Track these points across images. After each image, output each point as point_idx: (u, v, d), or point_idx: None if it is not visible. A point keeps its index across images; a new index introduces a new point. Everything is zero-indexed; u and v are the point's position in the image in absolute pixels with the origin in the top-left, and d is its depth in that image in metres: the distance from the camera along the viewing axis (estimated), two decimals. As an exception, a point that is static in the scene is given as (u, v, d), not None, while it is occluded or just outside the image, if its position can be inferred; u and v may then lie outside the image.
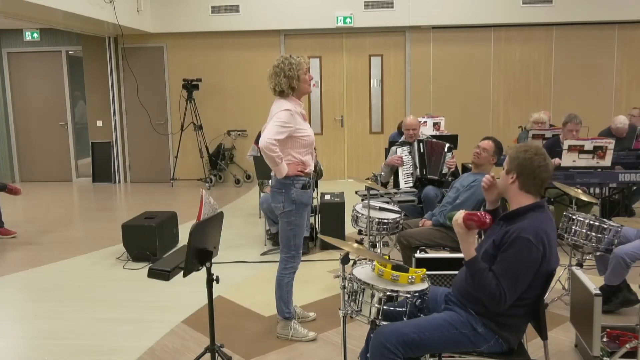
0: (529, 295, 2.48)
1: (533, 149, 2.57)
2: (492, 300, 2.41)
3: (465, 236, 2.48)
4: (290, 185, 3.60)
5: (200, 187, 9.66)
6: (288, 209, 3.63)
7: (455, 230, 2.51)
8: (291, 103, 3.58)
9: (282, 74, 3.54)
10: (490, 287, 2.40)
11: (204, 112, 10.01)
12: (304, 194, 3.64)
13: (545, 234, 2.42)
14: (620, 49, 9.63)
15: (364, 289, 2.58)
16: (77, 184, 10.54)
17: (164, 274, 3.04)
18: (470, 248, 2.48)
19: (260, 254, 5.79)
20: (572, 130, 5.79)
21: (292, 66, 3.55)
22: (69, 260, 5.80)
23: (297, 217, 3.65)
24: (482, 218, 2.44)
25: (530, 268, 2.39)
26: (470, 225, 2.45)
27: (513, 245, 2.41)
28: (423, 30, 9.77)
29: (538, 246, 2.38)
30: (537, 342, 3.33)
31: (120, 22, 8.44)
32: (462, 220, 2.46)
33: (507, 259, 2.41)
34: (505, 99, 9.89)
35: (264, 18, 9.70)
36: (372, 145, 10.15)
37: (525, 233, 2.40)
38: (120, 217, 7.39)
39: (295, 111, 3.55)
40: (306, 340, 3.76)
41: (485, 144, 4.26)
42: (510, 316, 2.50)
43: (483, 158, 4.26)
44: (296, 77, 3.56)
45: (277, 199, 3.65)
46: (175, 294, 4.69)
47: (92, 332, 4.03)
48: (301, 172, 3.61)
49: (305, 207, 3.69)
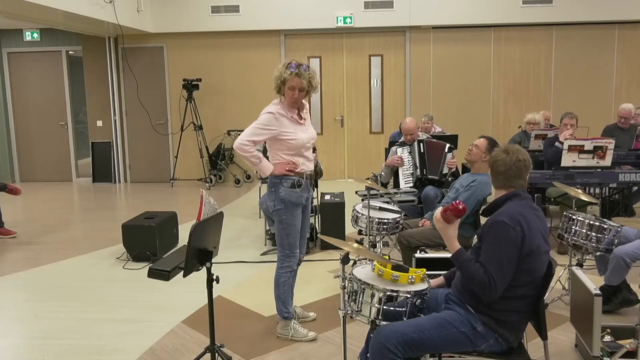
0: (526, 286, 2.49)
1: (497, 150, 2.71)
2: (483, 288, 2.44)
3: (446, 230, 2.58)
4: (279, 184, 3.63)
5: (200, 187, 9.66)
6: (277, 208, 3.66)
7: (437, 227, 2.62)
8: (278, 106, 3.61)
9: (277, 81, 3.60)
10: (479, 275, 2.44)
11: (204, 112, 10.01)
12: (293, 193, 3.64)
13: (521, 215, 2.48)
14: (620, 49, 9.63)
15: (364, 289, 2.58)
16: (77, 184, 10.54)
17: (164, 274, 3.04)
18: (453, 242, 2.57)
19: (260, 254, 5.79)
20: (567, 124, 5.82)
21: (280, 71, 3.59)
22: (69, 260, 5.80)
23: (288, 216, 3.66)
24: (455, 205, 2.54)
25: (510, 248, 2.43)
26: (448, 217, 2.55)
27: (490, 231, 2.49)
28: (423, 30, 9.77)
29: (515, 227, 2.44)
30: (537, 342, 3.33)
31: (120, 22, 8.45)
32: (440, 215, 2.57)
33: (487, 245, 2.48)
34: (505, 99, 9.89)
35: (264, 18, 9.70)
36: (372, 145, 10.15)
37: (499, 217, 2.49)
38: (120, 217, 7.39)
39: (279, 114, 3.58)
40: (306, 340, 3.76)
41: (479, 141, 4.29)
42: (509, 312, 2.50)
43: (474, 154, 4.27)
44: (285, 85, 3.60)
45: (270, 197, 3.72)
46: (175, 294, 4.69)
47: (92, 332, 4.03)
48: (290, 172, 3.62)
49: (296, 207, 3.68)
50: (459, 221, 2.60)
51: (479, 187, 4.22)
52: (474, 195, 4.21)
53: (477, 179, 4.25)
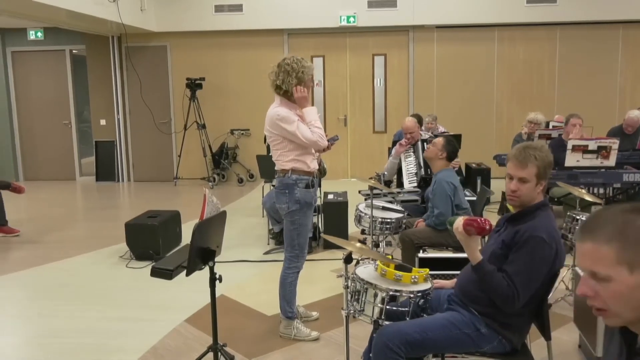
0: (535, 294, 2.47)
1: (545, 146, 2.56)
2: (506, 300, 2.40)
3: (468, 241, 2.48)
4: (294, 185, 3.60)
5: (203, 186, 9.66)
6: (292, 209, 3.63)
7: (457, 237, 2.51)
8: (285, 108, 3.57)
9: (294, 74, 3.53)
10: (502, 287, 2.39)
11: (207, 111, 10.01)
12: (307, 194, 3.63)
13: (556, 232, 2.43)
14: (624, 48, 9.60)
15: (366, 288, 2.57)
16: (81, 183, 10.55)
17: (167, 273, 3.04)
18: (475, 252, 2.48)
19: (263, 253, 5.79)
20: (575, 124, 5.81)
21: (304, 69, 3.55)
22: (72, 259, 5.81)
23: (302, 216, 3.65)
24: (482, 224, 2.45)
25: (544, 266, 2.39)
26: (469, 231, 2.46)
27: (526, 245, 2.40)
28: (427, 30, 9.75)
29: (551, 244, 2.39)
30: (540, 342, 3.31)
31: (123, 21, 8.45)
32: (462, 228, 2.47)
33: (520, 258, 2.41)
34: (509, 99, 9.87)
35: (267, 17, 9.69)
36: (376, 145, 10.14)
37: (538, 232, 2.39)
38: (123, 216, 7.39)
39: (292, 114, 3.55)
40: (309, 339, 3.76)
41: (436, 139, 4.34)
42: (514, 316, 2.49)
43: (430, 152, 4.33)
44: (304, 82, 3.56)
45: (281, 199, 3.65)
46: (178, 293, 4.69)
47: (94, 330, 4.03)
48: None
49: (310, 207, 3.68)
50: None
51: (439, 187, 4.22)
52: (441, 197, 4.20)
53: (436, 180, 4.27)
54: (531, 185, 2.49)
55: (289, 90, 3.55)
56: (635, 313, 1.28)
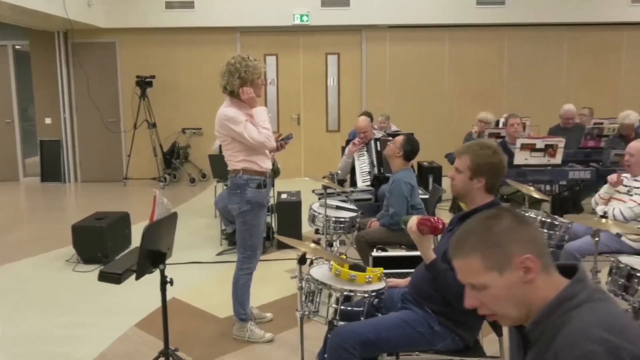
0: None
1: (495, 148, 2.55)
2: (459, 298, 2.40)
3: (421, 241, 2.50)
4: (245, 185, 3.56)
5: (153, 186, 9.46)
6: (244, 210, 3.58)
7: (411, 236, 2.53)
8: (234, 108, 3.53)
9: (236, 74, 3.49)
10: (455, 285, 2.40)
11: (158, 110, 9.80)
12: (259, 194, 3.60)
13: None
14: (569, 50, 9.92)
15: (321, 289, 2.55)
16: (25, 184, 10.17)
17: (115, 277, 2.96)
18: (428, 251, 2.50)
19: (216, 254, 5.71)
20: (513, 124, 6.01)
21: (248, 69, 3.50)
22: (15, 263, 5.58)
23: (253, 217, 3.61)
24: (435, 224, 2.47)
25: None
26: (423, 230, 2.48)
27: None
28: (379, 29, 9.83)
29: None
30: (492, 337, 3.37)
31: (69, 17, 8.17)
32: (415, 227, 2.48)
33: None
34: (460, 98, 10.05)
35: (219, 15, 9.56)
36: (329, 144, 10.15)
37: None
38: (70, 218, 7.15)
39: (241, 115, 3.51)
40: (263, 341, 3.72)
41: (398, 137, 4.40)
42: (467, 314, 2.51)
43: (389, 149, 4.38)
44: (250, 81, 3.51)
45: (233, 200, 3.61)
46: (128, 297, 4.56)
47: (39, 338, 3.87)
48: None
49: (262, 207, 3.64)
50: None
51: (396, 188, 4.26)
52: (398, 197, 4.23)
53: (394, 180, 4.31)
54: (464, 176, 2.51)
55: (235, 91, 3.51)
56: (520, 310, 1.36)
